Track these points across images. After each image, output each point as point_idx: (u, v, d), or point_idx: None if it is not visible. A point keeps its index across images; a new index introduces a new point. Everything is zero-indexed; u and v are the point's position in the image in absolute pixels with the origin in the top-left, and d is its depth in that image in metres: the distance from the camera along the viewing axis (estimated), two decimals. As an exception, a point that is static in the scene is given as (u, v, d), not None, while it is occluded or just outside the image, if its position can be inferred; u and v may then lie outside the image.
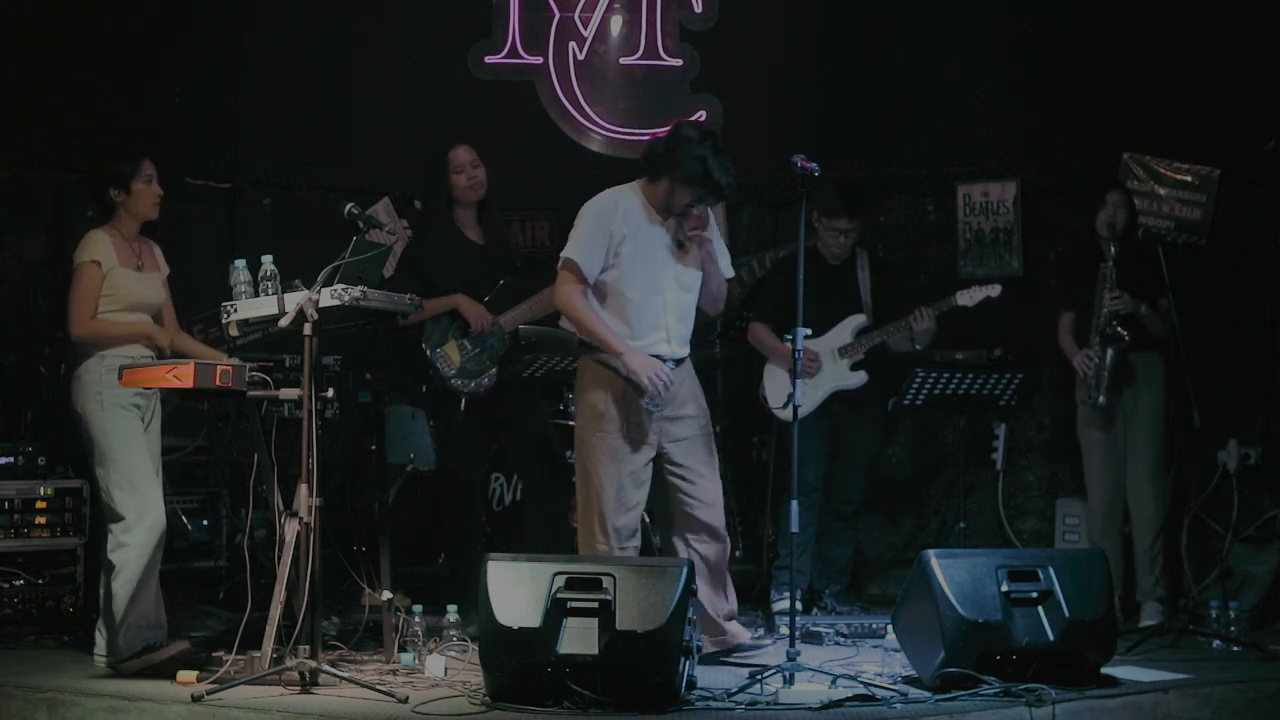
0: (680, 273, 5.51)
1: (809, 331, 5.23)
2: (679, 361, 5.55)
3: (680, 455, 5.53)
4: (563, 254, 5.50)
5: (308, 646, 4.96)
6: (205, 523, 6.94)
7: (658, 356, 5.44)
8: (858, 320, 6.72)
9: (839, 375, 6.67)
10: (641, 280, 5.44)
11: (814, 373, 6.62)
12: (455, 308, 6.23)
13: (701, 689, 4.91)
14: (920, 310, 6.56)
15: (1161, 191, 7.32)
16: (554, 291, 5.54)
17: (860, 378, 6.68)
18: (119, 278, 5.41)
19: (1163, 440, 6.40)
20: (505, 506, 7.04)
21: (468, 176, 6.26)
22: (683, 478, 5.54)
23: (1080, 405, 6.57)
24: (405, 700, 4.78)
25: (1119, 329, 6.32)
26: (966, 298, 6.55)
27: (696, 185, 5.37)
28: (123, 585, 5.28)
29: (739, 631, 5.67)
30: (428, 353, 6.24)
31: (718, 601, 5.60)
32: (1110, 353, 6.37)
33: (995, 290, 6.55)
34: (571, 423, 6.86)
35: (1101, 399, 6.41)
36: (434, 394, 6.36)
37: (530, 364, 6.24)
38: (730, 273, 5.69)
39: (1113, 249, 6.35)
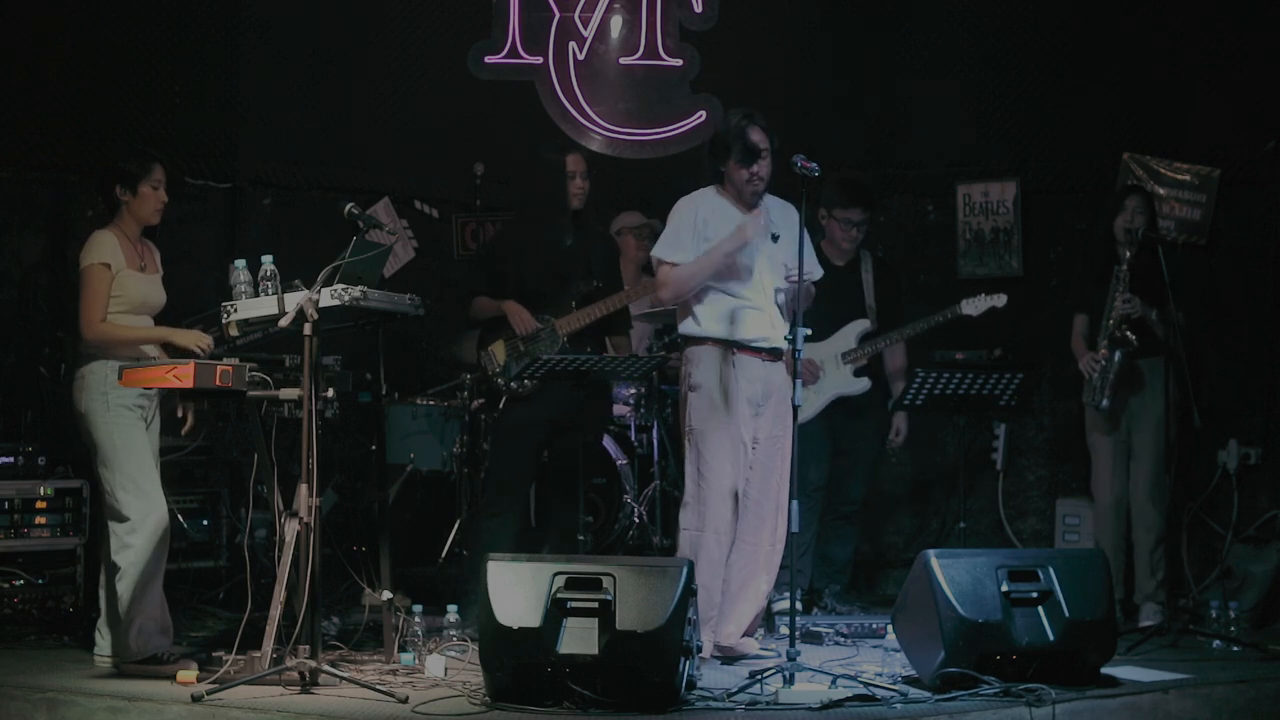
0: (771, 268, 5.61)
1: (809, 332, 5.23)
2: (778, 355, 5.62)
3: (756, 448, 5.61)
4: (651, 253, 5.71)
5: (308, 646, 4.96)
6: (205, 523, 6.94)
7: (762, 346, 5.57)
8: (861, 325, 6.71)
9: (842, 381, 6.67)
10: (734, 272, 5.56)
11: (815, 381, 6.60)
12: (505, 312, 6.29)
13: (701, 689, 4.91)
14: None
15: (1161, 191, 7.32)
16: (656, 289, 5.78)
17: (863, 384, 6.68)
18: (126, 279, 5.40)
19: (1167, 445, 6.38)
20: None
21: (577, 186, 6.31)
22: (749, 468, 5.60)
23: (1086, 408, 6.57)
24: (405, 700, 4.78)
25: (1128, 333, 6.32)
26: (971, 307, 6.53)
27: (733, 148, 5.56)
28: (127, 587, 5.27)
29: (748, 642, 5.69)
30: (479, 350, 6.35)
31: (738, 607, 5.61)
32: (1118, 355, 6.36)
33: (1000, 301, 6.51)
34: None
35: (1105, 402, 6.41)
36: (488, 393, 6.47)
37: (531, 363, 6.24)
38: (817, 272, 5.80)
39: (1128, 253, 6.35)
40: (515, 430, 6.33)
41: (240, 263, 5.27)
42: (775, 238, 5.62)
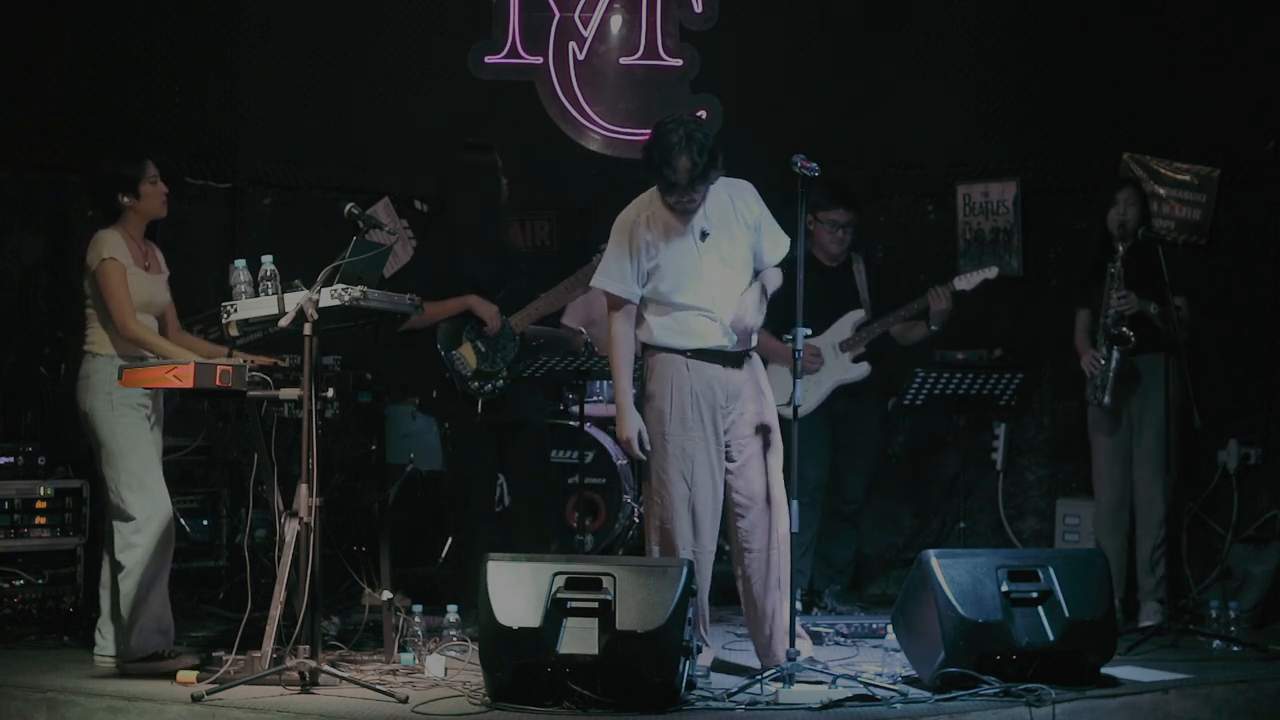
0: (725, 266, 5.38)
1: (809, 331, 5.22)
2: (741, 356, 5.46)
3: (734, 453, 5.44)
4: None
5: (308, 646, 4.96)
6: (205, 523, 6.94)
7: (718, 350, 5.38)
8: (857, 316, 6.72)
9: (841, 369, 6.68)
10: (683, 283, 5.35)
11: (816, 367, 6.62)
12: (468, 308, 6.22)
13: (701, 689, 4.92)
14: (936, 290, 6.53)
15: (1161, 191, 7.32)
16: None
17: (863, 369, 6.70)
18: (132, 276, 5.41)
19: (1168, 443, 6.37)
20: (505, 507, 7.04)
21: (507, 179, 6.31)
22: (730, 473, 5.45)
23: (1088, 405, 6.57)
24: (405, 700, 4.78)
25: (1125, 330, 6.33)
26: (964, 282, 6.55)
27: (657, 180, 5.29)
28: (132, 585, 5.28)
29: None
30: (443, 354, 6.23)
31: (755, 619, 5.49)
32: (1116, 354, 6.37)
33: (992, 273, 6.55)
34: (573, 423, 6.91)
35: (1106, 399, 6.42)
36: (447, 396, 6.31)
37: (531, 363, 6.25)
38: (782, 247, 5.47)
39: (1121, 248, 6.35)
40: (472, 436, 6.27)
41: (240, 263, 5.27)
42: (704, 235, 5.35)
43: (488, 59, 7.73)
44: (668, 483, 5.39)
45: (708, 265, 5.36)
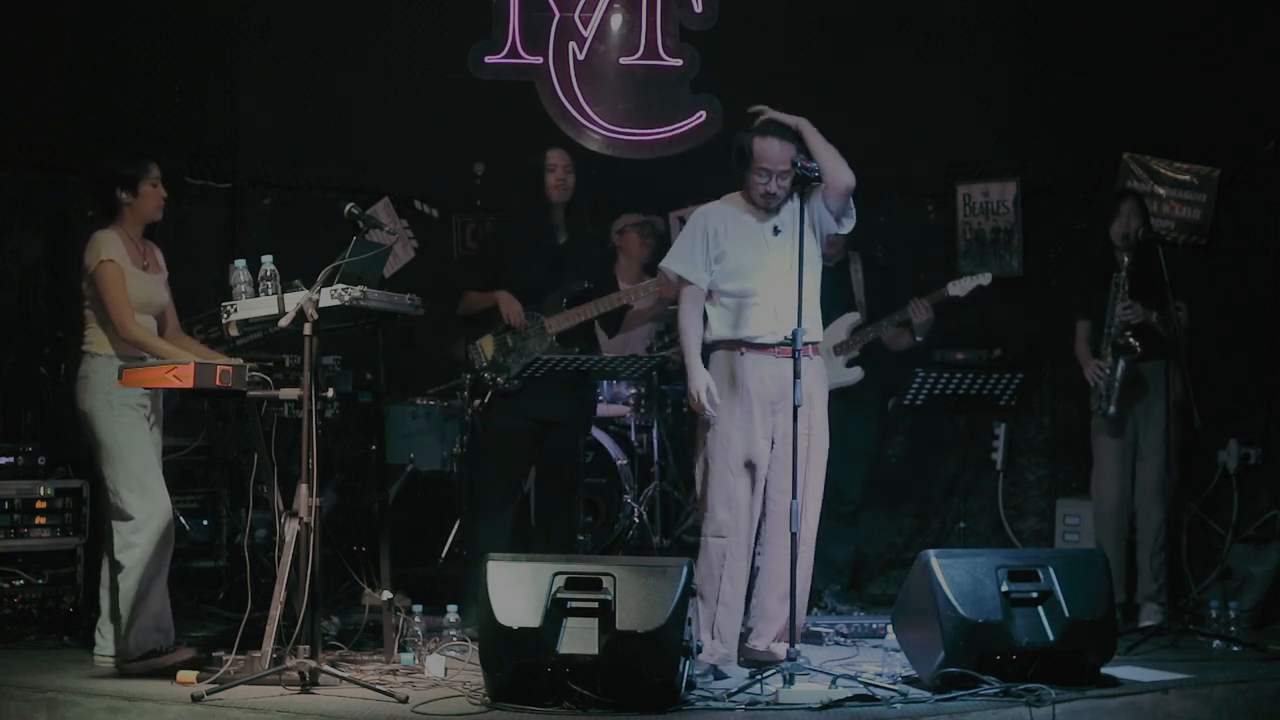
0: (787, 262, 5.44)
1: (808, 330, 5.23)
2: (799, 353, 5.45)
3: (781, 449, 5.50)
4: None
5: (308, 646, 4.96)
6: (205, 523, 6.94)
7: (775, 344, 5.45)
8: (852, 318, 6.73)
9: (835, 372, 6.67)
10: (744, 275, 5.50)
11: None
12: (496, 304, 6.27)
13: (701, 689, 4.92)
14: (916, 302, 6.56)
15: (1161, 191, 7.32)
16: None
17: (856, 374, 6.69)
18: (130, 277, 5.41)
19: (1169, 446, 6.37)
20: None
21: (557, 179, 6.30)
22: (773, 470, 5.53)
23: (1093, 414, 6.57)
24: (405, 700, 4.78)
25: (1130, 339, 6.33)
26: (958, 288, 6.56)
27: (740, 163, 5.50)
28: (131, 585, 5.28)
29: (780, 647, 5.55)
30: (467, 346, 6.31)
31: (763, 616, 5.56)
32: (1121, 364, 6.37)
33: (986, 279, 6.56)
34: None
35: (1112, 410, 6.43)
36: (475, 389, 6.40)
37: (531, 363, 6.25)
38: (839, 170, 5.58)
39: (1126, 259, 6.36)
40: (502, 428, 6.29)
41: (240, 263, 5.28)
42: (776, 230, 5.52)
43: (488, 59, 7.73)
44: (714, 471, 5.49)
45: (775, 260, 5.48)
